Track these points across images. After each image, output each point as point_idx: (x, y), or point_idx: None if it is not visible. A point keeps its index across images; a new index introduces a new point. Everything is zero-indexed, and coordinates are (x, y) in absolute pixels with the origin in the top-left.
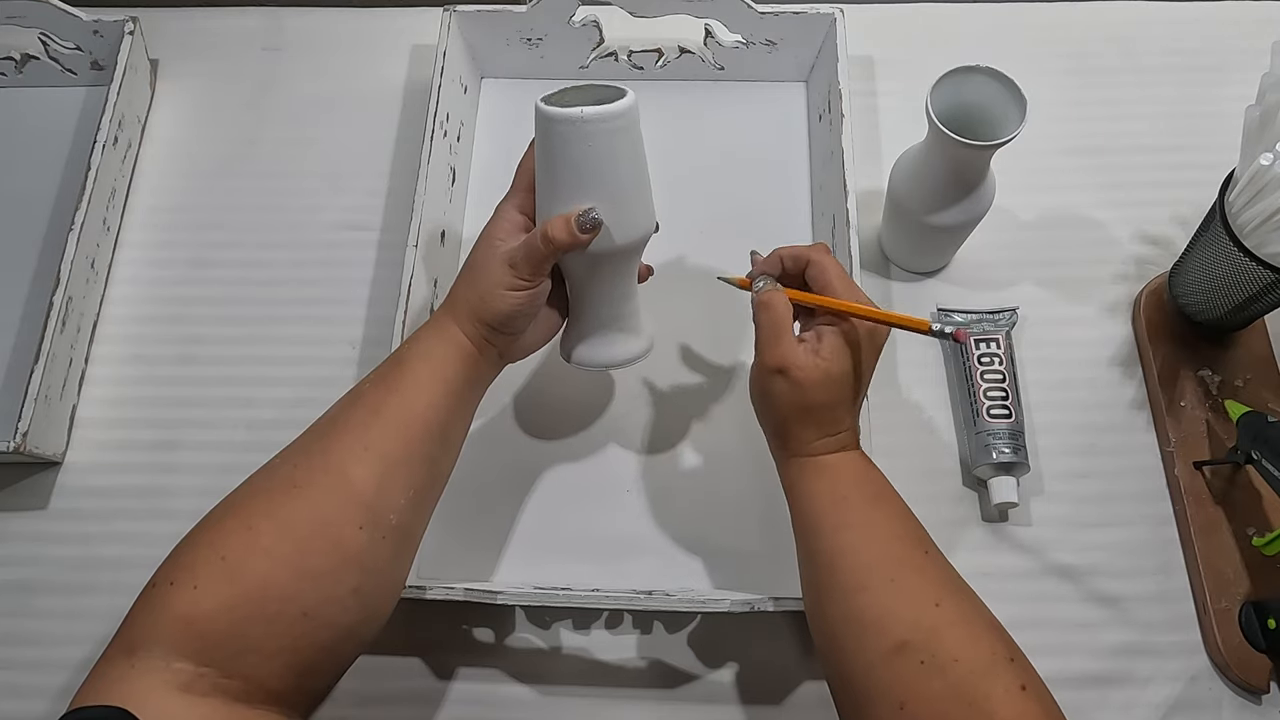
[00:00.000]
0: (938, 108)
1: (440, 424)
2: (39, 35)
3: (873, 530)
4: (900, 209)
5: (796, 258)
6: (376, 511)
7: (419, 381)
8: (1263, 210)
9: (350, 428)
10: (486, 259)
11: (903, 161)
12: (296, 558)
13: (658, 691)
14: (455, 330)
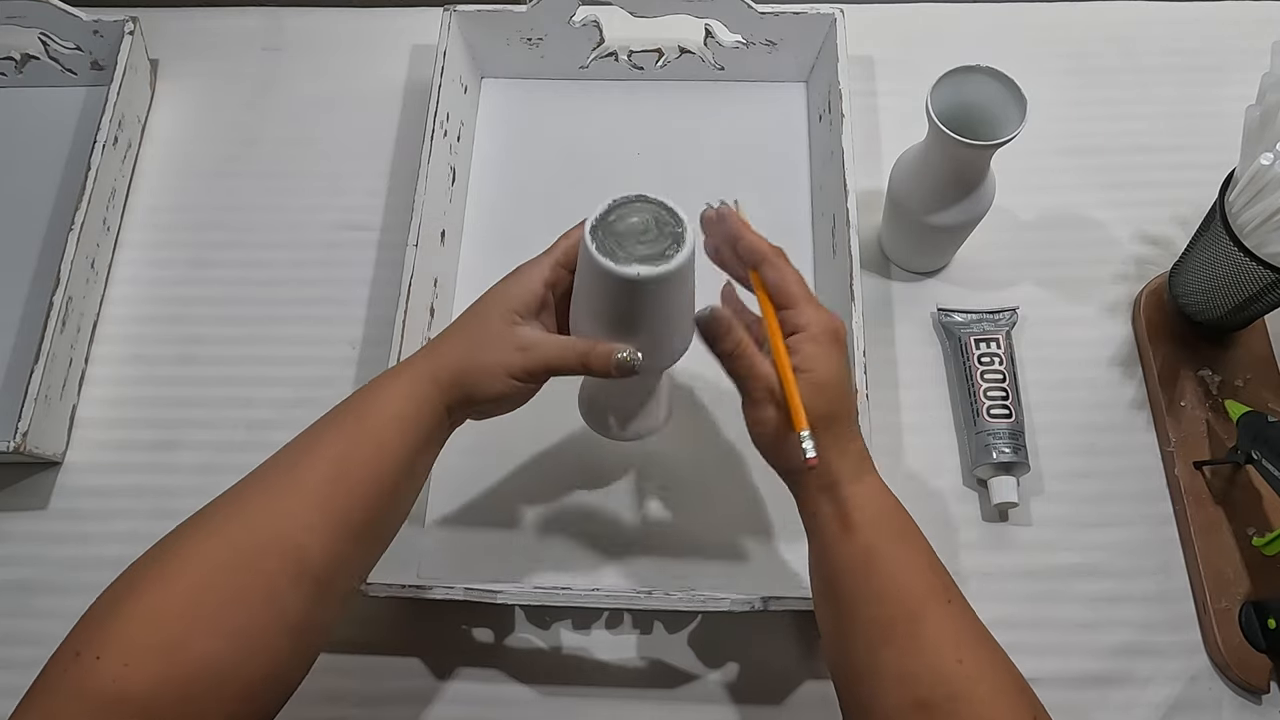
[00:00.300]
0: (938, 107)
1: (403, 492)
2: (39, 35)
3: (896, 580)
4: (900, 209)
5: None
6: (328, 582)
7: (387, 447)
8: (1263, 210)
9: (309, 492)
10: (500, 333)
11: (903, 161)
12: (243, 634)
13: (658, 691)
14: (436, 396)
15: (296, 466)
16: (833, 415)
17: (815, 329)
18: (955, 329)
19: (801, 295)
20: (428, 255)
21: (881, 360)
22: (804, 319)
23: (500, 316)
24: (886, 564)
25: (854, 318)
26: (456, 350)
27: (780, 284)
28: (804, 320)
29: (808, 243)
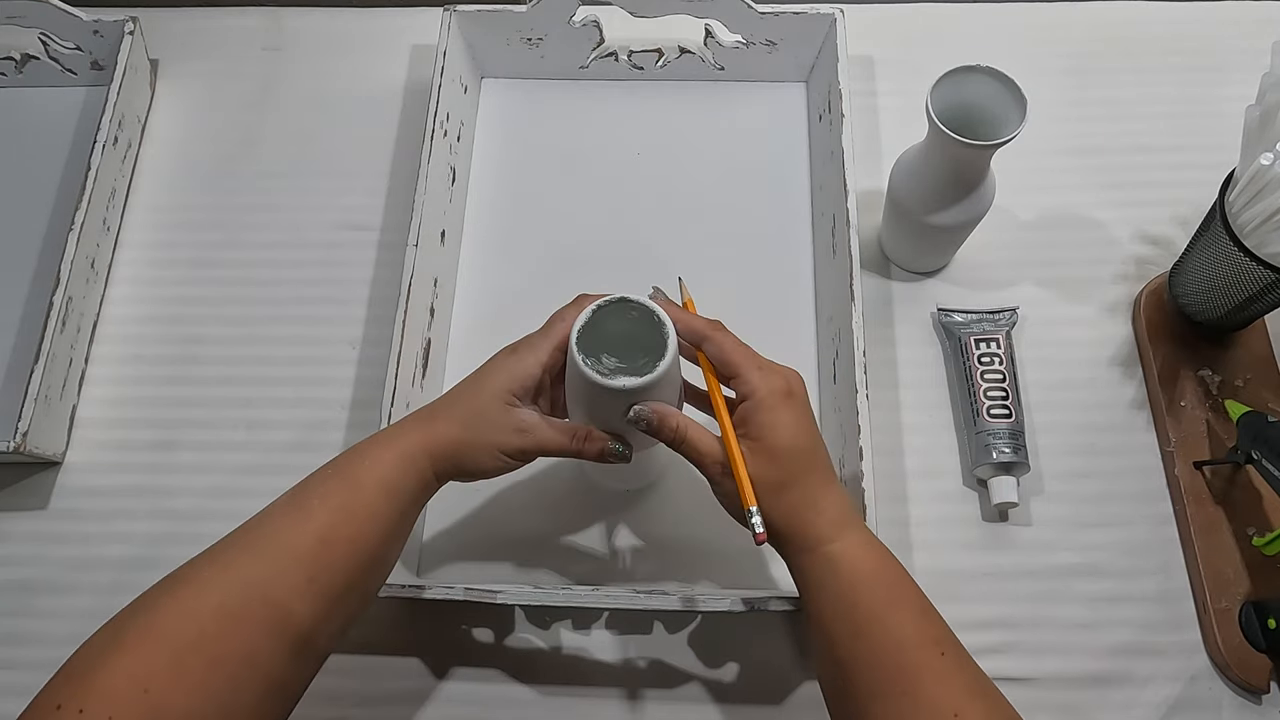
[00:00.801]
0: (938, 107)
1: (388, 555)
2: (39, 35)
3: (887, 638)
4: (900, 209)
5: (691, 331)
6: (312, 643)
7: (376, 515)
8: (1263, 210)
9: (295, 555)
10: (498, 414)
11: (903, 161)
12: (226, 694)
13: (658, 691)
14: (427, 467)
15: (285, 531)
16: (793, 479)
17: (761, 393)
18: (955, 329)
19: (743, 362)
20: (428, 255)
21: (881, 360)
22: (748, 386)
23: (499, 398)
24: (874, 625)
25: (854, 318)
26: (453, 428)
27: (720, 356)
28: (749, 388)
29: (808, 243)
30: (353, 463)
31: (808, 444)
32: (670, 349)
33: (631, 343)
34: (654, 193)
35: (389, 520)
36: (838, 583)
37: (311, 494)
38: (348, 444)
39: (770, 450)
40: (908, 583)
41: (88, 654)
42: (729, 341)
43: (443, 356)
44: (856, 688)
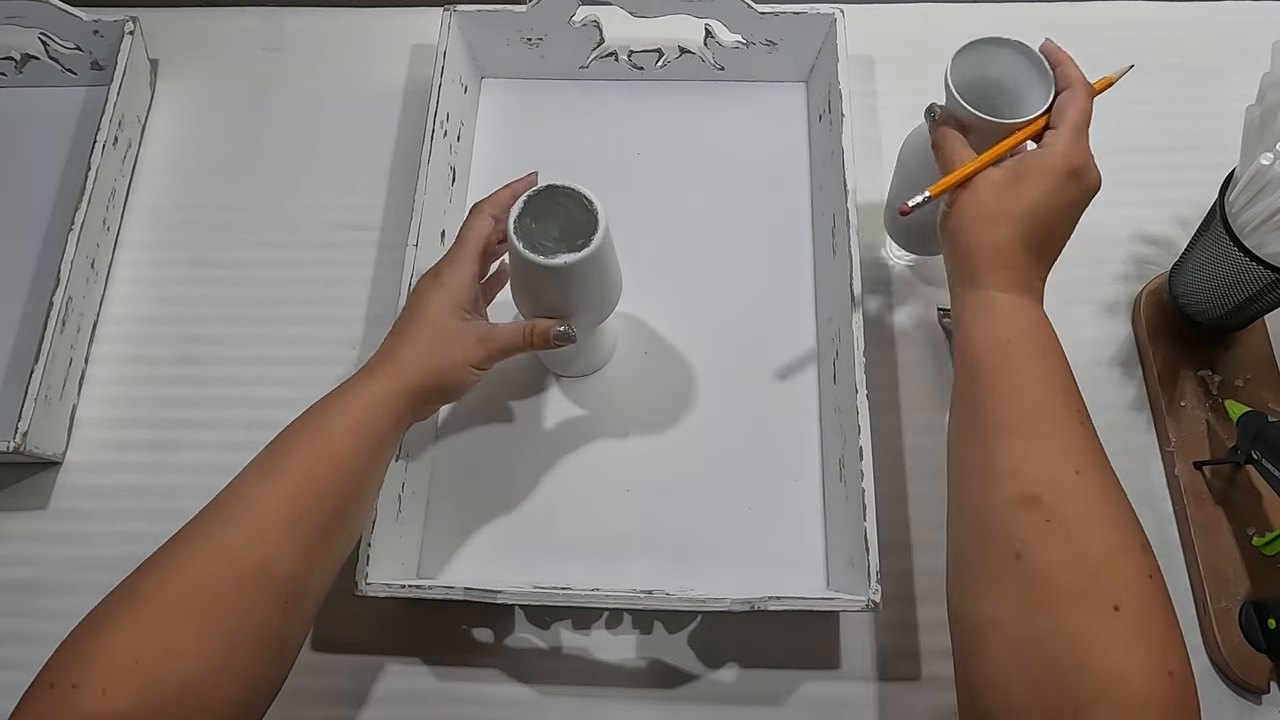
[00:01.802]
0: (956, 80)
1: (364, 499)
2: (39, 35)
3: (1030, 381)
4: (909, 185)
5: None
6: (296, 594)
7: (348, 465)
8: (1263, 210)
9: (273, 509)
10: (455, 331)
11: (914, 137)
12: (220, 658)
13: (658, 691)
14: (401, 403)
15: (261, 484)
16: (1010, 226)
17: (1052, 153)
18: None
19: (1071, 124)
20: (428, 255)
21: (881, 360)
22: (1051, 140)
23: (452, 316)
24: (1023, 367)
25: (854, 318)
26: (420, 359)
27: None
28: (1050, 140)
29: (808, 243)
30: (326, 412)
31: (1050, 221)
32: (602, 224)
33: (566, 225)
34: (654, 193)
35: (361, 467)
36: (1001, 322)
37: (280, 454)
38: None
39: (1014, 196)
40: (1064, 357)
41: (80, 632)
42: (1080, 104)
43: None
44: (985, 420)
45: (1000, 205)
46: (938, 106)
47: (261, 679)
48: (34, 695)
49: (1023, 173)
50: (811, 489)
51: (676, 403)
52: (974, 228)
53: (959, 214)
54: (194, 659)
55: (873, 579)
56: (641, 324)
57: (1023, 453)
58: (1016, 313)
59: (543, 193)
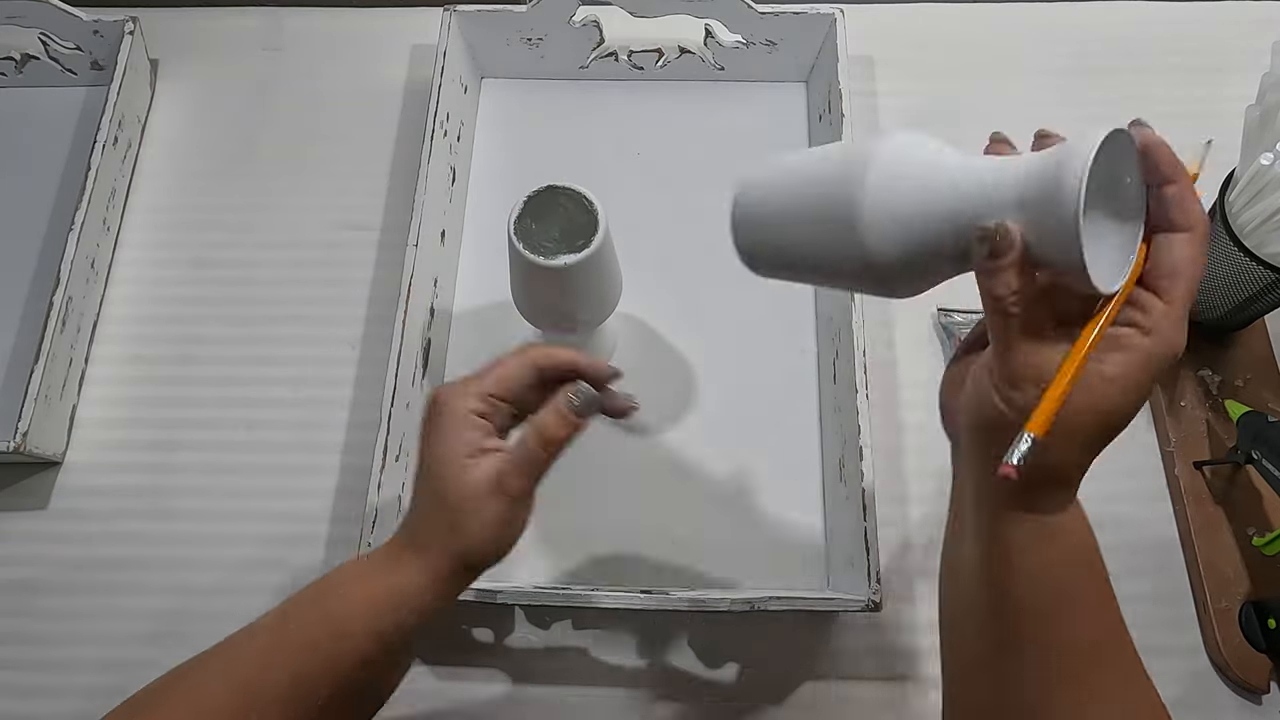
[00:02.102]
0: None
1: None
2: (39, 35)
3: (1091, 622)
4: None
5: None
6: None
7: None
8: (1263, 210)
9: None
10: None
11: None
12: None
13: (658, 691)
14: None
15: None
16: (1086, 442)
17: (1161, 349)
18: (955, 329)
19: (1183, 290)
20: (428, 255)
21: (881, 360)
22: (1152, 323)
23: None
24: (1084, 602)
25: (854, 318)
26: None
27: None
28: (1150, 324)
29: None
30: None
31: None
32: (602, 224)
33: (566, 226)
34: (654, 193)
35: (381, 662)
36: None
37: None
38: (347, 445)
39: (1109, 408)
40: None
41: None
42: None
43: (443, 356)
44: (1038, 661)
45: (1088, 426)
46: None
47: None
48: None
49: (1123, 378)
50: (811, 489)
51: (676, 403)
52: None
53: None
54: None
55: (873, 579)
56: (641, 324)
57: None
58: (1075, 536)
59: (543, 193)
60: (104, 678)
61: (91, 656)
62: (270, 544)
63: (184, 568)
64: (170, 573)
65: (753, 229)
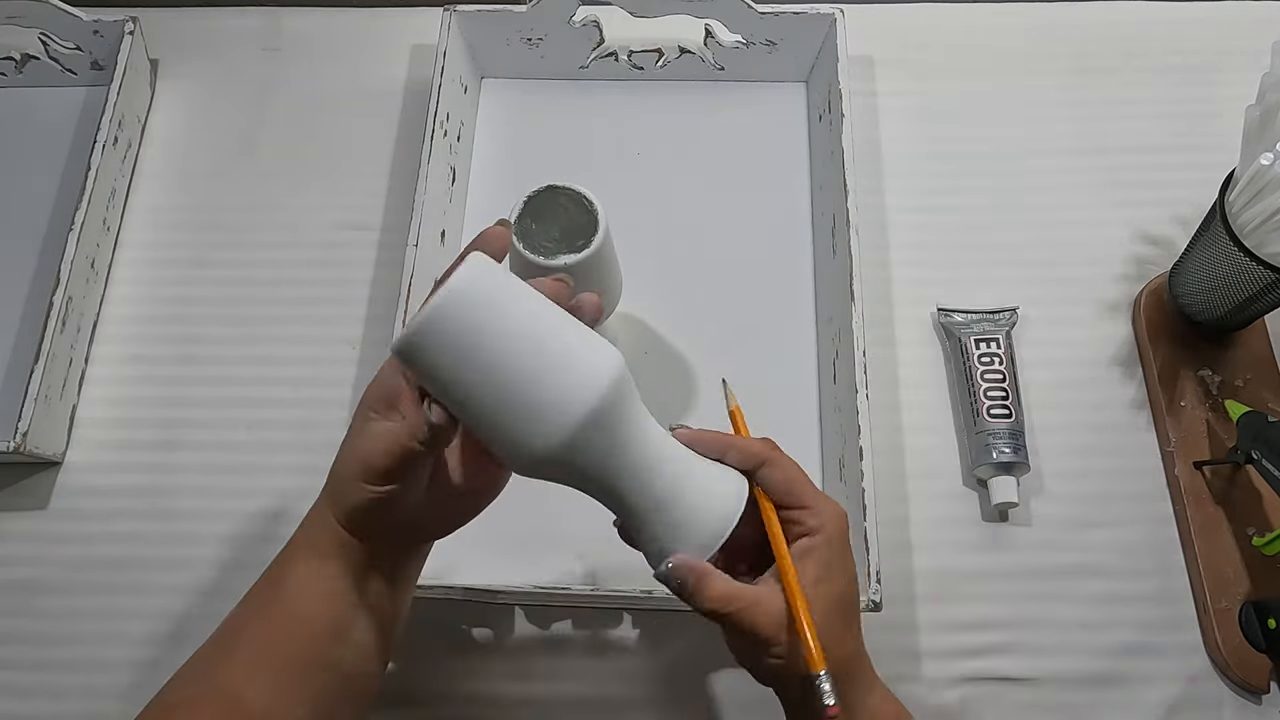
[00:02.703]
0: None
1: (333, 626)
2: (39, 35)
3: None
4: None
5: (747, 456)
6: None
7: (300, 582)
8: (1263, 210)
9: (242, 641)
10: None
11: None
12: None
13: (658, 692)
14: (329, 515)
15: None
16: (848, 625)
17: (830, 528)
18: (955, 329)
19: (809, 491)
20: (428, 255)
21: (881, 360)
22: (819, 519)
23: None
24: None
25: (854, 318)
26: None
27: (787, 483)
28: (819, 521)
29: (808, 243)
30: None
31: (853, 596)
32: (602, 224)
33: (566, 226)
34: (654, 192)
35: (314, 588)
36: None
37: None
38: None
39: (838, 597)
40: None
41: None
42: (790, 467)
43: None
44: None
45: (835, 620)
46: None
47: None
48: None
49: (829, 572)
50: None
51: (677, 403)
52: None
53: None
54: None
55: (873, 579)
56: (641, 324)
57: None
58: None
59: (543, 193)
60: (104, 678)
61: (91, 656)
62: (270, 544)
63: (184, 568)
64: (170, 573)
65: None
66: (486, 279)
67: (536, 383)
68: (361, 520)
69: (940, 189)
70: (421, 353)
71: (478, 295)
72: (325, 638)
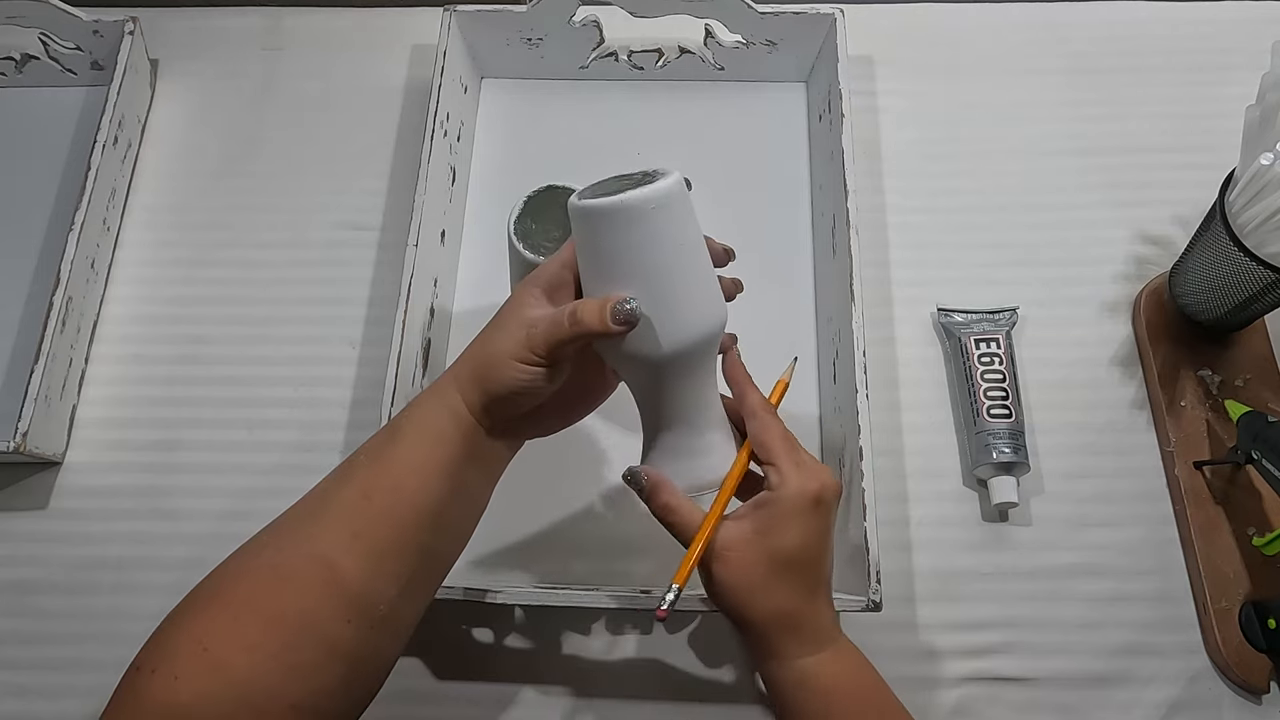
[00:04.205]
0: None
1: (434, 509)
2: (39, 35)
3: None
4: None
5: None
6: (365, 604)
7: (412, 461)
8: (1263, 210)
9: (339, 512)
10: (506, 320)
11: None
12: (284, 653)
13: (658, 691)
14: (456, 398)
15: (330, 489)
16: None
17: (789, 491)
18: (955, 329)
19: (783, 453)
20: (428, 255)
21: (881, 360)
22: (779, 478)
23: (510, 310)
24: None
25: (854, 318)
26: (473, 346)
27: (760, 438)
28: (778, 480)
29: (808, 243)
30: (397, 417)
31: (815, 557)
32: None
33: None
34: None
35: (426, 469)
36: (809, 697)
37: (358, 451)
38: (348, 444)
39: (772, 551)
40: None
41: (165, 621)
42: (775, 428)
43: (443, 356)
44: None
45: (765, 570)
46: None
47: (330, 686)
48: (125, 676)
49: (771, 526)
50: None
51: None
52: (749, 603)
53: (726, 593)
54: (260, 652)
55: (873, 579)
56: None
57: None
58: (828, 672)
59: (543, 193)
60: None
61: (91, 656)
62: None
63: (184, 568)
64: (170, 573)
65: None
66: (685, 195)
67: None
68: (501, 402)
69: (940, 189)
70: (625, 221)
71: (680, 200)
72: (427, 520)
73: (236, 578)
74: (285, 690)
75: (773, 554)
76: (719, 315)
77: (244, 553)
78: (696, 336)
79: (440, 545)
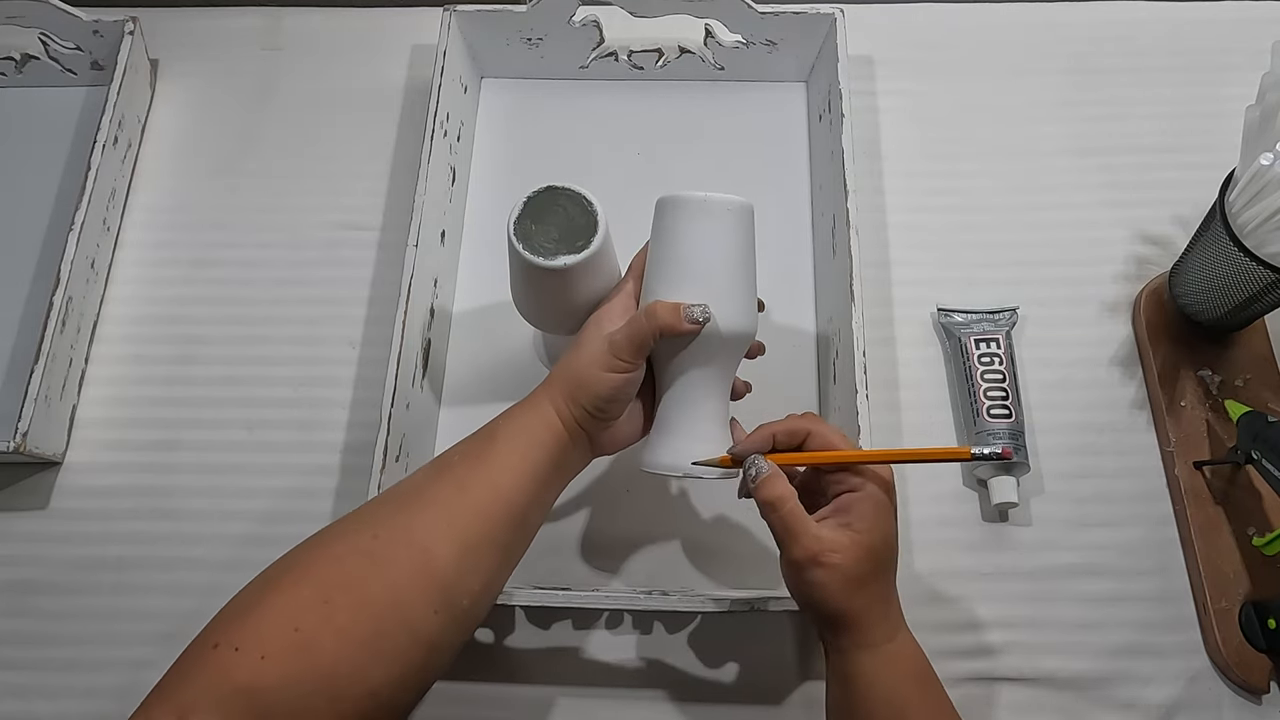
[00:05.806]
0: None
1: (522, 510)
2: (39, 35)
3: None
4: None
5: (792, 432)
6: (452, 595)
7: (508, 462)
8: (1263, 210)
9: (435, 502)
10: (590, 338)
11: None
12: (372, 639)
13: (658, 691)
14: (550, 410)
15: (426, 481)
16: (877, 576)
17: (873, 489)
18: (955, 329)
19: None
20: (428, 255)
21: (881, 360)
22: (860, 479)
23: (594, 327)
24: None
25: (854, 318)
26: (561, 366)
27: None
28: (859, 480)
29: (808, 243)
30: (492, 423)
31: (896, 542)
32: (601, 225)
33: (566, 226)
34: (654, 193)
35: (520, 470)
36: (895, 680)
37: (454, 449)
38: (348, 445)
39: (870, 546)
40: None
41: (243, 598)
42: (837, 434)
43: (443, 356)
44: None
45: (870, 566)
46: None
47: (408, 674)
48: (195, 653)
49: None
50: None
51: None
52: (853, 597)
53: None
54: (348, 635)
55: None
56: None
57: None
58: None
59: (542, 193)
60: (104, 677)
61: (91, 656)
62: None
63: (184, 568)
64: (171, 573)
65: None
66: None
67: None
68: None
69: (940, 189)
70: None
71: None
72: (514, 518)
73: (328, 560)
74: (368, 676)
75: (873, 549)
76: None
77: (329, 537)
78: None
79: (517, 546)
